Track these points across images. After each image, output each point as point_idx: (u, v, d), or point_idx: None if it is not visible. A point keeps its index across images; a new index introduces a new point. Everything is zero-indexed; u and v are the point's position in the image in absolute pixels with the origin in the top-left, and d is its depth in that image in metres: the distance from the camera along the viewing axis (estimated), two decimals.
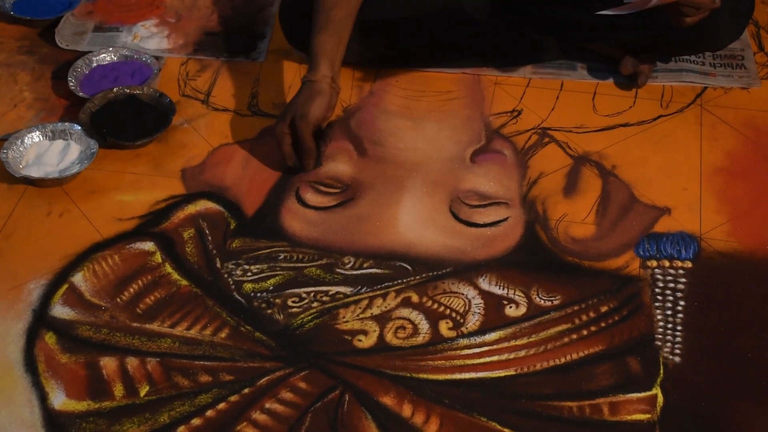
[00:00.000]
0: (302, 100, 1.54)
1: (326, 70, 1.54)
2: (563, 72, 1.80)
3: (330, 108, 1.56)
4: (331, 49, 1.55)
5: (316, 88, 1.54)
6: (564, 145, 1.65)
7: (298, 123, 1.53)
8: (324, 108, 1.54)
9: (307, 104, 1.53)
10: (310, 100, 1.53)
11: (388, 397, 1.29)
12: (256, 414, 1.27)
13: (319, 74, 1.54)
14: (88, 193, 1.58)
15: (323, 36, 1.55)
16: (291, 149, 1.57)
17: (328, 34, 1.55)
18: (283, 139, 1.56)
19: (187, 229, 1.51)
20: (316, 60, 1.55)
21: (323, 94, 1.54)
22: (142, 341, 1.36)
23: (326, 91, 1.54)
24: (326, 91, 1.54)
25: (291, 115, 1.54)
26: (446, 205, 1.55)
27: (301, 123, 1.53)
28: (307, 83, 1.56)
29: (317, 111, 1.53)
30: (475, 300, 1.41)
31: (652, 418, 1.27)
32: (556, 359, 1.33)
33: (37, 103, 1.74)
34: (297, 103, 1.55)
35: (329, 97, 1.55)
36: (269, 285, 1.43)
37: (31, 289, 1.42)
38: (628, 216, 1.53)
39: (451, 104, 1.73)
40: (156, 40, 1.87)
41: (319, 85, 1.54)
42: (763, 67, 1.81)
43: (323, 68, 1.54)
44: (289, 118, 1.54)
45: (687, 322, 1.37)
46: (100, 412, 1.28)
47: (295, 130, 1.55)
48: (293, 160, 1.57)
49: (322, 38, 1.55)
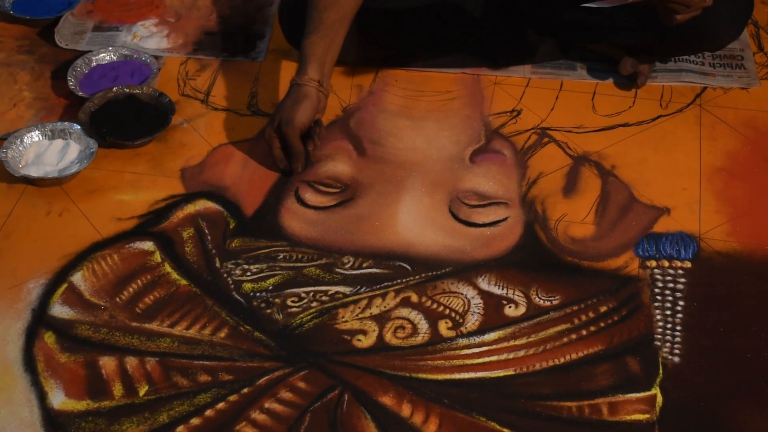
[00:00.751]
0: (288, 104, 1.54)
1: (314, 74, 1.54)
2: (563, 72, 1.80)
3: (317, 111, 1.56)
4: (321, 52, 1.55)
5: (303, 92, 1.54)
6: (563, 145, 1.65)
7: (284, 128, 1.53)
8: (310, 112, 1.54)
9: (293, 109, 1.53)
10: (296, 105, 1.53)
11: (388, 396, 1.29)
12: (256, 414, 1.27)
13: (306, 77, 1.54)
14: (87, 192, 1.58)
15: (314, 38, 1.55)
16: (280, 152, 1.57)
17: (319, 36, 1.55)
18: (271, 143, 1.56)
19: (186, 229, 1.51)
20: (304, 62, 1.55)
21: (309, 98, 1.54)
22: (142, 341, 1.36)
23: (312, 95, 1.54)
24: (312, 95, 1.54)
25: (278, 119, 1.54)
26: (446, 205, 1.55)
27: (287, 128, 1.53)
28: (294, 86, 1.55)
29: (302, 116, 1.53)
30: (475, 300, 1.41)
31: (651, 418, 1.27)
32: (555, 359, 1.33)
33: (36, 103, 1.74)
34: (284, 107, 1.55)
35: (316, 101, 1.54)
36: (268, 285, 1.43)
37: (30, 289, 1.42)
38: (627, 216, 1.53)
39: (451, 104, 1.73)
40: (155, 40, 1.87)
41: (306, 88, 1.54)
42: (763, 67, 1.81)
43: (311, 71, 1.54)
44: (276, 122, 1.55)
45: (686, 322, 1.37)
46: (100, 411, 1.28)
47: (282, 135, 1.55)
48: (284, 163, 1.58)
49: (312, 40, 1.55)
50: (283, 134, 1.54)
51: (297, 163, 1.57)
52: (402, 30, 1.73)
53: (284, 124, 1.53)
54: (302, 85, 1.54)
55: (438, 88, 1.77)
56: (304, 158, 1.57)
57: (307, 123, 1.55)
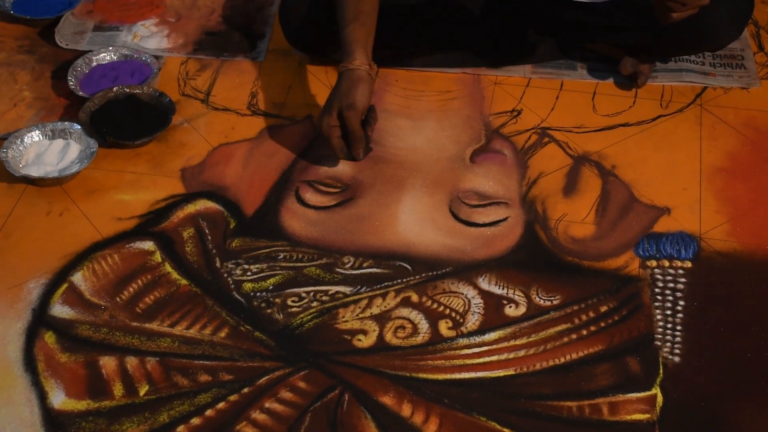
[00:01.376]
0: (344, 89, 1.52)
1: (362, 58, 1.53)
2: (563, 72, 1.80)
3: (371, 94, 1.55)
4: (364, 39, 1.54)
5: (356, 75, 1.52)
6: (564, 145, 1.65)
7: (347, 113, 1.51)
8: (368, 94, 1.52)
9: (350, 93, 1.51)
10: (353, 89, 1.51)
11: (388, 396, 1.29)
12: (256, 413, 1.27)
13: (357, 61, 1.52)
14: (87, 192, 1.58)
15: (354, 26, 1.54)
16: (341, 141, 1.55)
17: (359, 25, 1.54)
18: (331, 132, 1.54)
19: (186, 229, 1.51)
20: (350, 49, 1.54)
21: (364, 80, 1.52)
22: (142, 341, 1.36)
23: (366, 77, 1.52)
24: (366, 78, 1.52)
25: (337, 106, 1.52)
26: (446, 205, 1.55)
27: (350, 112, 1.51)
28: (345, 72, 1.53)
29: (363, 98, 1.51)
30: (475, 300, 1.41)
31: (651, 418, 1.27)
32: (555, 359, 1.33)
33: (36, 103, 1.74)
34: (340, 93, 1.52)
35: (370, 83, 1.53)
36: (269, 284, 1.43)
37: (30, 289, 1.42)
38: (627, 216, 1.53)
39: (451, 104, 1.73)
40: (156, 40, 1.87)
41: (359, 72, 1.52)
42: (763, 67, 1.81)
43: (359, 56, 1.53)
44: (335, 110, 1.52)
45: (686, 322, 1.37)
46: (100, 411, 1.28)
47: (343, 122, 1.53)
48: (344, 152, 1.56)
49: (352, 28, 1.54)
50: (345, 120, 1.52)
51: (359, 149, 1.55)
52: (402, 29, 1.73)
53: (346, 108, 1.51)
54: (354, 69, 1.52)
55: (438, 88, 1.77)
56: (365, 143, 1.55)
57: (367, 105, 1.53)
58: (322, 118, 1.54)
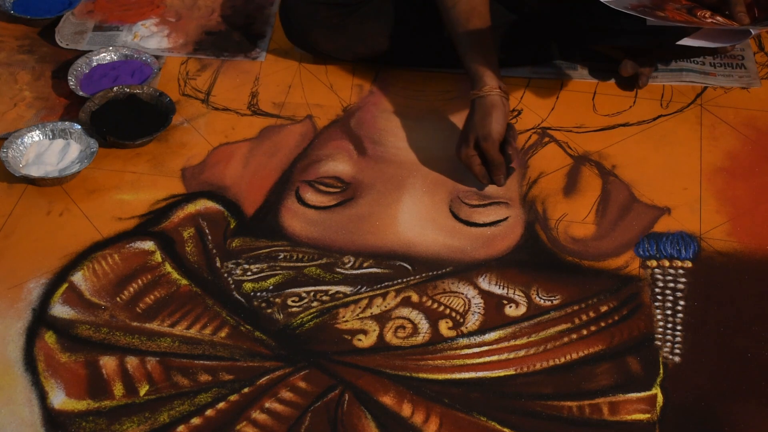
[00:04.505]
0: (479, 119, 1.51)
1: (492, 82, 1.52)
2: (563, 72, 1.80)
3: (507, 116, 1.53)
4: (487, 60, 1.53)
5: (489, 102, 1.51)
6: (564, 145, 1.65)
7: (483, 144, 1.50)
8: (503, 120, 1.50)
9: (485, 122, 1.50)
10: (487, 117, 1.50)
11: (388, 396, 1.29)
12: (256, 413, 1.27)
13: (487, 87, 1.51)
14: (88, 192, 1.58)
15: (474, 52, 1.54)
16: (482, 168, 1.53)
17: (477, 48, 1.54)
18: (471, 161, 1.53)
19: (186, 229, 1.51)
20: (478, 76, 1.53)
21: (497, 106, 1.50)
22: (142, 340, 1.36)
23: (498, 102, 1.51)
24: (499, 103, 1.51)
25: (473, 137, 1.52)
26: (446, 205, 1.55)
27: (487, 144, 1.50)
28: (477, 100, 1.52)
29: (498, 126, 1.50)
30: (475, 300, 1.41)
31: (651, 417, 1.27)
32: (555, 359, 1.33)
33: (37, 102, 1.74)
34: (474, 124, 1.51)
35: (504, 107, 1.51)
36: (269, 284, 1.43)
37: (30, 288, 1.42)
38: (627, 216, 1.53)
39: (451, 104, 1.73)
40: (156, 40, 1.87)
41: (491, 98, 1.51)
42: (763, 67, 1.81)
43: (489, 80, 1.52)
44: (472, 141, 1.52)
45: (687, 322, 1.37)
46: (100, 411, 1.28)
47: (481, 151, 1.52)
48: (487, 178, 1.54)
49: (474, 54, 1.54)
50: (483, 150, 1.51)
51: (499, 175, 1.52)
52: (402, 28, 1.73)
53: (483, 140, 1.50)
54: (485, 96, 1.51)
55: (438, 88, 1.77)
56: (506, 166, 1.53)
57: (503, 132, 1.51)
58: (460, 149, 1.54)
